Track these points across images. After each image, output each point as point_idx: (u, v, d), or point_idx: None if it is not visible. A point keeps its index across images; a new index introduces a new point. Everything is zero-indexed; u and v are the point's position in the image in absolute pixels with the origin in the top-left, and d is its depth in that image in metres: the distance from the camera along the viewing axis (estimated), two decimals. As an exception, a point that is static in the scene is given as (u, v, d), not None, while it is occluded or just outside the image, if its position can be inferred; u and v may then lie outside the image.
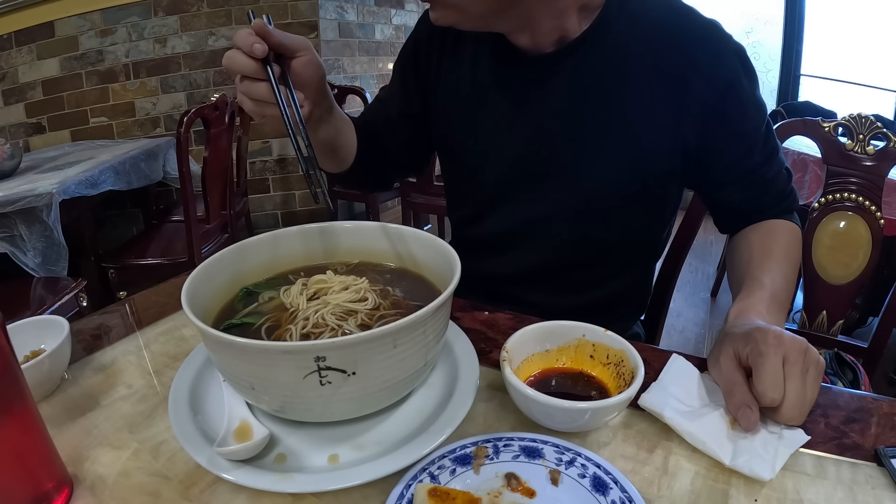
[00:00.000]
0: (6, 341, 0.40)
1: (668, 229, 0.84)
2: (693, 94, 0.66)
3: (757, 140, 0.70)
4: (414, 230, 0.61)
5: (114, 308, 0.77)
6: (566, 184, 0.73)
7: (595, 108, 0.69)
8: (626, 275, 0.82)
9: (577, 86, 0.70)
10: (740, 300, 0.62)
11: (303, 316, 0.52)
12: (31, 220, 1.62)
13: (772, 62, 3.64)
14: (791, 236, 0.72)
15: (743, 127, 0.69)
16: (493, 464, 0.44)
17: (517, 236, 0.80)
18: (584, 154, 0.71)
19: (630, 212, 0.75)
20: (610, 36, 0.68)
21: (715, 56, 0.65)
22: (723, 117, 0.67)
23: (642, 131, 0.68)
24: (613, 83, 0.68)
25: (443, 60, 0.80)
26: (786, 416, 0.46)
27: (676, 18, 0.67)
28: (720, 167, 0.71)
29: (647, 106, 0.68)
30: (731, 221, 0.78)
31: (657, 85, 0.67)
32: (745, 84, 0.67)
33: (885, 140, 0.98)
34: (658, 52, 0.66)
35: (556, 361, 0.55)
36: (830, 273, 1.05)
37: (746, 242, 0.72)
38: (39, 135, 2.72)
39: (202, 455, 0.44)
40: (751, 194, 0.73)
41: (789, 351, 0.47)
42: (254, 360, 0.42)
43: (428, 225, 3.14)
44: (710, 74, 0.65)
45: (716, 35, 0.67)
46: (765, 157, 0.71)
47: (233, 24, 2.70)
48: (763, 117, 0.70)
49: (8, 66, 2.60)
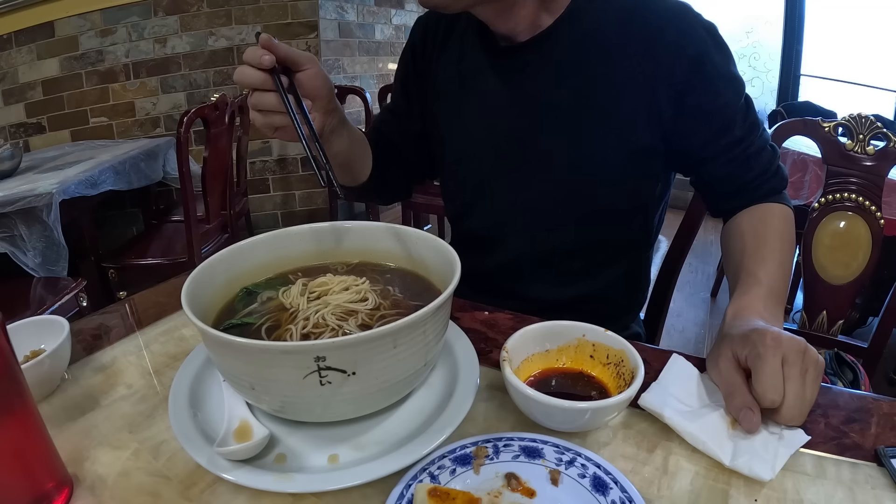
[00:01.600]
0: (6, 341, 0.40)
1: (658, 215, 0.84)
2: (662, 69, 0.68)
3: (735, 115, 0.71)
4: (414, 230, 0.61)
5: (114, 308, 0.77)
6: (549, 168, 0.75)
7: (571, 92, 0.72)
8: (619, 263, 0.83)
9: (553, 72, 0.72)
10: (737, 298, 0.62)
11: (303, 316, 0.52)
12: (31, 220, 1.62)
13: (772, 62, 3.64)
14: (782, 219, 0.72)
15: (717, 100, 0.70)
16: (493, 464, 0.44)
17: (506, 225, 0.81)
18: (563, 138, 0.73)
19: (616, 194, 0.75)
20: (581, 23, 0.71)
21: (681, 33, 0.67)
22: (695, 90, 0.68)
23: (618, 109, 0.70)
24: (587, 67, 0.71)
25: (436, 59, 0.83)
26: (786, 416, 0.46)
27: (645, 1, 0.69)
28: (699, 141, 0.72)
29: (620, 85, 0.69)
30: (720, 201, 0.78)
31: (628, 64, 0.69)
32: (717, 58, 0.68)
33: (885, 140, 0.98)
34: (627, 34, 0.69)
35: (556, 361, 0.55)
36: (830, 273, 1.05)
37: (739, 230, 0.72)
38: (39, 135, 2.72)
39: (202, 455, 0.44)
40: (734, 169, 0.73)
41: (788, 352, 0.47)
42: (254, 360, 0.42)
43: (428, 225, 3.14)
44: (677, 50, 0.67)
45: (682, 14, 0.68)
46: (745, 132, 0.72)
47: (233, 24, 2.70)
48: (740, 92, 0.71)
49: (8, 66, 2.59)
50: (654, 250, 0.89)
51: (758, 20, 3.63)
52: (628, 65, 0.69)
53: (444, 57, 0.82)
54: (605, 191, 0.75)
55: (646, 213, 0.81)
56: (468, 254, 0.67)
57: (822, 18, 3.45)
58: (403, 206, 2.58)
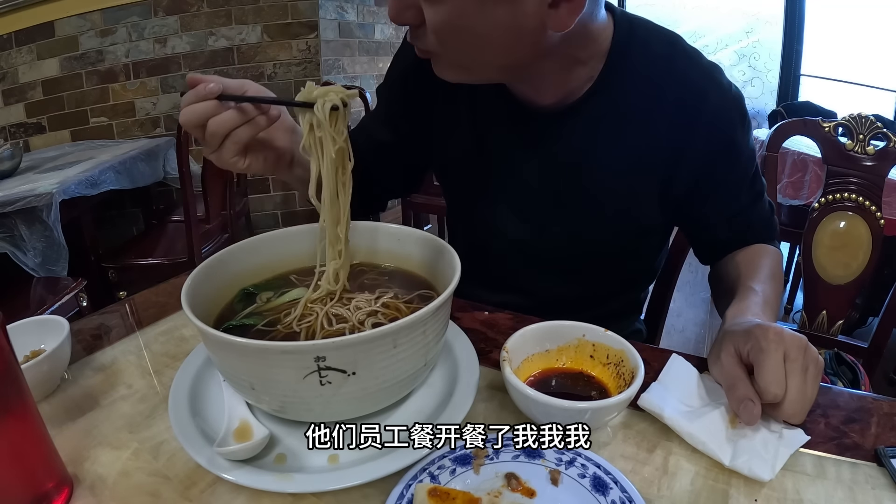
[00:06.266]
0: (6, 341, 0.40)
1: (660, 259, 0.86)
2: (689, 157, 0.67)
3: (744, 184, 0.71)
4: (414, 230, 0.61)
5: (114, 308, 0.77)
6: (562, 225, 0.75)
7: (592, 164, 0.70)
8: (617, 299, 0.85)
9: (579, 142, 0.70)
10: (736, 303, 0.62)
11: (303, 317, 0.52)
12: (31, 220, 1.62)
13: (772, 62, 3.64)
14: (774, 258, 0.73)
15: (733, 176, 0.70)
16: (493, 464, 0.44)
17: (511, 260, 0.81)
18: (581, 202, 0.73)
19: (621, 257, 0.78)
20: (610, 96, 0.67)
21: (714, 117, 0.66)
22: (715, 171, 0.69)
23: (634, 181, 0.70)
24: (611, 143, 0.69)
25: (435, 94, 0.77)
26: (787, 412, 0.46)
27: (676, 74, 0.66)
28: (707, 212, 0.73)
29: (643, 167, 0.68)
30: (713, 256, 0.80)
31: (654, 149, 0.67)
32: (741, 138, 0.68)
33: (885, 140, 0.98)
34: (655, 116, 0.66)
35: (556, 361, 0.55)
36: (830, 273, 1.05)
37: (733, 263, 0.73)
38: (39, 135, 2.72)
39: (202, 455, 0.44)
40: (735, 233, 0.75)
41: (790, 347, 0.47)
42: (254, 360, 0.42)
43: (428, 225, 3.13)
44: (708, 136, 0.66)
45: (716, 90, 0.66)
46: (751, 199, 0.73)
47: (233, 24, 2.70)
48: (752, 163, 0.71)
49: (8, 66, 2.59)
50: (664, 257, 0.90)
51: (758, 20, 3.63)
52: (654, 150, 0.67)
53: (447, 95, 0.75)
54: (611, 255, 0.77)
55: (649, 262, 0.84)
56: (468, 254, 0.67)
57: (822, 18, 3.45)
58: (403, 205, 2.58)
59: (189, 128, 0.55)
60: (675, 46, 0.68)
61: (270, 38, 2.75)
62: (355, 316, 0.52)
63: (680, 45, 0.68)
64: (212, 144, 0.57)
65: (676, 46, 0.68)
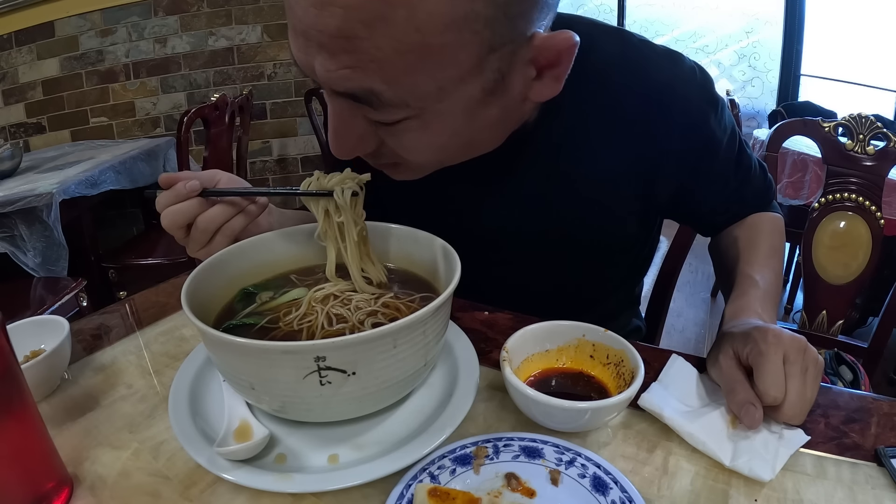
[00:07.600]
0: (6, 341, 0.40)
1: (650, 258, 0.85)
2: (667, 162, 0.64)
3: (730, 169, 0.70)
4: (413, 230, 0.61)
5: (114, 308, 0.77)
6: (536, 254, 0.71)
7: (560, 188, 0.66)
8: (610, 299, 0.83)
9: (541, 168, 0.65)
10: (735, 300, 0.62)
11: (303, 316, 0.52)
12: (31, 220, 1.62)
13: (772, 62, 3.64)
14: (774, 226, 0.73)
15: (717, 167, 0.68)
16: (493, 464, 0.44)
17: (490, 285, 0.73)
18: (551, 230, 0.68)
19: (604, 268, 0.75)
20: (567, 118, 0.62)
21: (685, 114, 0.62)
22: (698, 168, 0.66)
23: (610, 202, 0.66)
24: (576, 160, 0.64)
25: None
26: (787, 414, 0.46)
27: (633, 71, 0.61)
28: (698, 203, 0.72)
29: (617, 186, 0.65)
30: (713, 232, 0.80)
31: (626, 164, 0.63)
32: (717, 126, 0.65)
33: (885, 140, 0.98)
34: (618, 128, 0.62)
35: (556, 361, 0.55)
36: (830, 273, 1.05)
37: (732, 238, 0.73)
38: (39, 135, 2.72)
39: (202, 455, 0.44)
40: (732, 213, 0.74)
41: (789, 350, 0.47)
42: (254, 360, 0.42)
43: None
44: (683, 136, 0.62)
45: (680, 79, 0.62)
46: (740, 179, 0.71)
47: (233, 24, 2.70)
48: (734, 142, 0.68)
49: (8, 66, 2.59)
50: (655, 250, 0.89)
51: (758, 20, 3.63)
52: (624, 146, 0.63)
53: None
54: (595, 272, 0.74)
55: (636, 267, 0.83)
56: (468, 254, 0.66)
57: (822, 18, 3.45)
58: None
59: (173, 229, 0.54)
60: (625, 40, 0.63)
61: (270, 38, 2.75)
62: (355, 316, 0.52)
63: (627, 37, 0.63)
64: (200, 241, 0.56)
65: (625, 40, 0.63)
